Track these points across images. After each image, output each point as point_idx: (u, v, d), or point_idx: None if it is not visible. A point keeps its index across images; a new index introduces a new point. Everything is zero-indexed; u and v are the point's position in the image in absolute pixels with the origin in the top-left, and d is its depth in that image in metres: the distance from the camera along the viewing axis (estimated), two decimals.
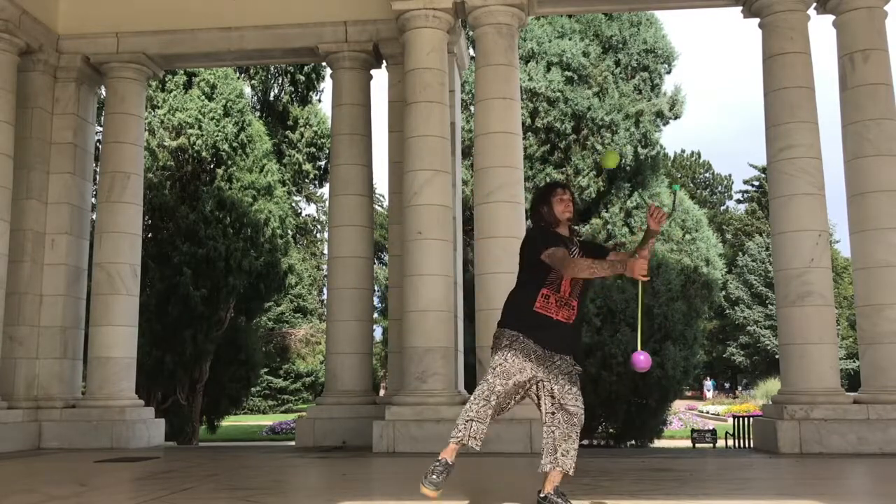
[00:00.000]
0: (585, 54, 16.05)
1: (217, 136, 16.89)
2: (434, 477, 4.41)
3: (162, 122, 16.85)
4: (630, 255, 4.81)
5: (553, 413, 4.61)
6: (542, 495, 4.59)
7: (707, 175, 57.99)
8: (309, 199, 33.40)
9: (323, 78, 25.65)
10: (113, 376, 11.05)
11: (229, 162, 17.03)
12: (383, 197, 29.54)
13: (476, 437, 4.50)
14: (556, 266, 4.61)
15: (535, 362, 4.60)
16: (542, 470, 4.59)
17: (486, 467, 7.02)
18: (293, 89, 25.57)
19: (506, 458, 8.31)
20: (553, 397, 4.60)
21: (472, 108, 12.66)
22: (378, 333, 22.85)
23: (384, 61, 11.59)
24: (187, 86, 17.39)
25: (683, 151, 56.62)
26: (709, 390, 41.63)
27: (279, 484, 6.54)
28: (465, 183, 13.84)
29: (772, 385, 25.93)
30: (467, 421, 4.51)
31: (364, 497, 5.94)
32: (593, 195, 15.34)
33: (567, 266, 4.58)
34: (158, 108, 17.05)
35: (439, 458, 4.49)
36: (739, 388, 42.44)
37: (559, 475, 4.58)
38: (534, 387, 4.65)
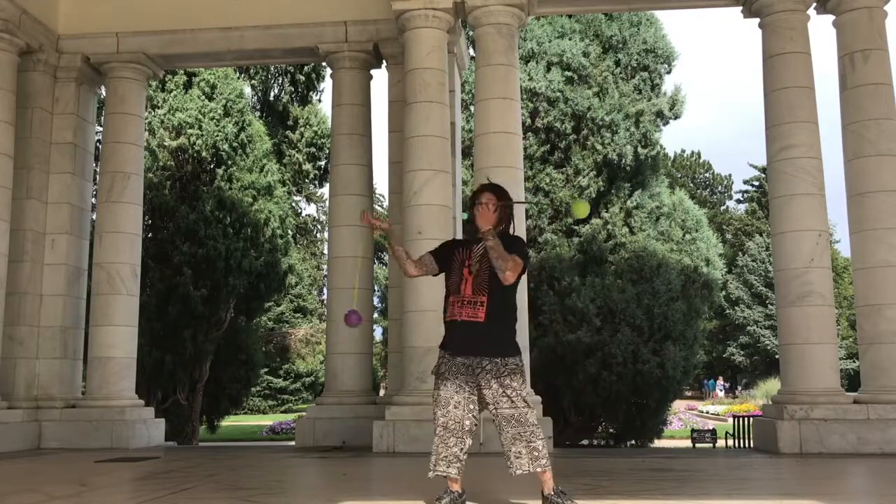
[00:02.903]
0: (585, 54, 16.05)
1: (217, 136, 16.88)
2: None
3: (162, 122, 16.85)
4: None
5: (494, 419, 4.65)
6: (544, 495, 4.62)
7: (707, 175, 57.99)
8: (309, 199, 33.39)
9: (323, 78, 25.67)
10: (113, 376, 11.05)
11: (229, 162, 17.03)
12: (383, 197, 29.54)
13: (450, 466, 4.62)
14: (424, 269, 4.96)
15: (467, 374, 4.62)
16: (513, 475, 4.65)
17: (484, 466, 7.01)
18: (293, 89, 25.59)
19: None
20: (489, 404, 4.63)
21: (472, 108, 12.66)
22: (378, 333, 22.87)
23: (384, 61, 11.59)
24: (187, 86, 17.38)
25: (683, 151, 56.65)
26: (721, 390, 41.52)
27: (279, 484, 6.54)
28: (465, 183, 13.84)
29: (772, 385, 25.93)
30: (435, 458, 4.66)
31: (364, 497, 5.94)
32: (593, 195, 15.34)
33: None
34: (158, 108, 17.05)
35: (447, 488, 4.66)
36: (739, 388, 42.43)
37: (549, 475, 4.60)
38: (477, 395, 4.69)
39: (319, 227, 37.10)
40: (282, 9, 11.46)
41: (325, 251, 21.85)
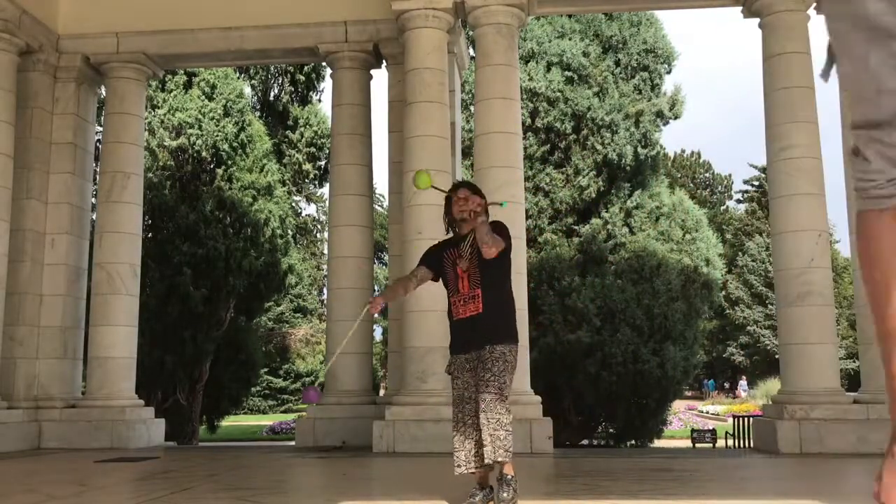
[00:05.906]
0: (585, 54, 16.05)
1: (217, 136, 16.89)
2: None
3: (162, 122, 16.85)
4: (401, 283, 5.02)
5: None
6: (498, 475, 4.67)
7: (707, 175, 57.95)
8: (309, 199, 33.38)
9: (323, 78, 25.66)
10: (113, 376, 11.05)
11: (229, 162, 17.04)
12: (383, 197, 29.52)
13: (469, 463, 4.69)
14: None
15: (472, 369, 4.74)
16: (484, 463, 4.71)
17: None
18: (293, 89, 25.58)
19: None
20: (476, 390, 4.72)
21: (472, 108, 12.66)
22: (378, 333, 22.87)
23: (384, 61, 11.59)
24: (187, 86, 17.39)
25: (683, 151, 56.62)
26: (744, 390, 41.25)
27: (279, 484, 6.54)
28: None
29: (772, 385, 25.92)
30: (464, 455, 4.71)
31: (364, 497, 5.94)
32: (593, 195, 15.35)
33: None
34: (158, 108, 17.05)
35: (477, 485, 4.75)
36: (739, 388, 42.37)
37: (509, 467, 4.63)
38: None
39: (319, 227, 37.10)
40: (282, 9, 11.46)
41: (325, 251, 21.84)
